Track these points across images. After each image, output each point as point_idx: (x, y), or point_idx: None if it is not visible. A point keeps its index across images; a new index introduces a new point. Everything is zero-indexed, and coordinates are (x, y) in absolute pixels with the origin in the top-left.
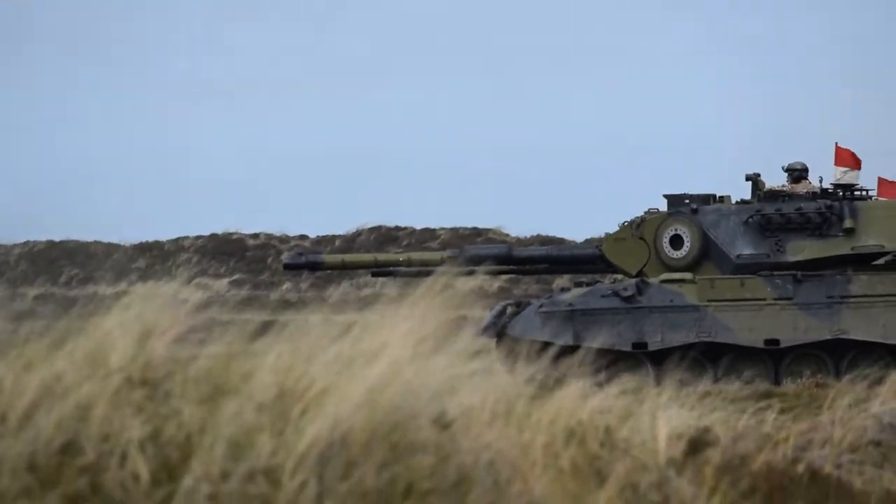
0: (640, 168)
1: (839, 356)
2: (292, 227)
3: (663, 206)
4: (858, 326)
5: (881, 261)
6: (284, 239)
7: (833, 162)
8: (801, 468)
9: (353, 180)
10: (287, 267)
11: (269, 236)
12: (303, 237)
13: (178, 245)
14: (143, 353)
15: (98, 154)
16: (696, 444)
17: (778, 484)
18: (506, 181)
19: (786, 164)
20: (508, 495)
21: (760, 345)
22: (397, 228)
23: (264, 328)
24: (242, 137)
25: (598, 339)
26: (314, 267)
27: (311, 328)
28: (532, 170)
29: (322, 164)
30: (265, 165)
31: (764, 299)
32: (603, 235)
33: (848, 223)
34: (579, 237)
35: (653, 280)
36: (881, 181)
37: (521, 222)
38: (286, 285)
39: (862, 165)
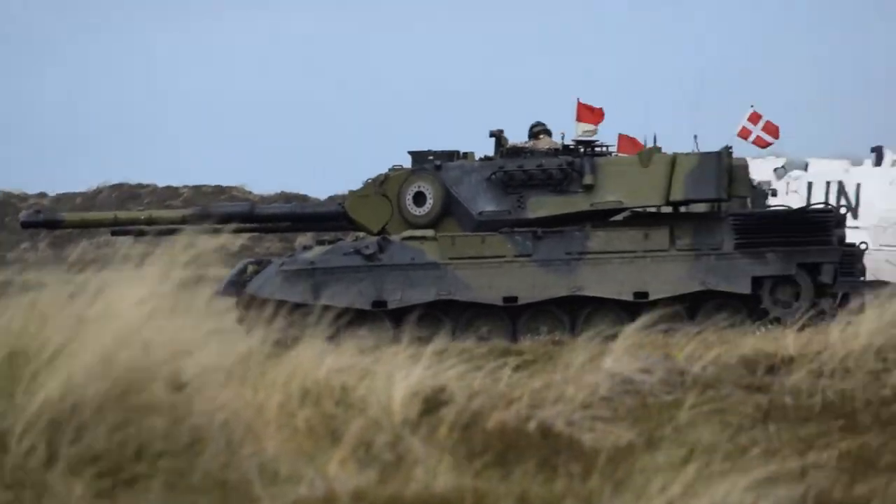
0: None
1: (576, 313)
2: (31, 185)
3: (408, 163)
4: (594, 282)
5: (619, 217)
6: (23, 196)
7: (574, 118)
8: (533, 426)
9: (95, 137)
10: (24, 225)
11: (8, 194)
12: (42, 195)
13: None
14: None
15: None
16: (432, 403)
17: (511, 442)
18: (249, 138)
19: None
20: (241, 455)
21: (499, 302)
22: (139, 186)
23: (1, 289)
24: None
25: (338, 298)
26: (53, 225)
27: (46, 289)
28: (276, 126)
29: (61, 119)
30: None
31: (504, 256)
32: (347, 193)
33: (588, 179)
34: (323, 195)
35: (395, 237)
36: (621, 137)
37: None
38: (24, 245)
39: (602, 121)
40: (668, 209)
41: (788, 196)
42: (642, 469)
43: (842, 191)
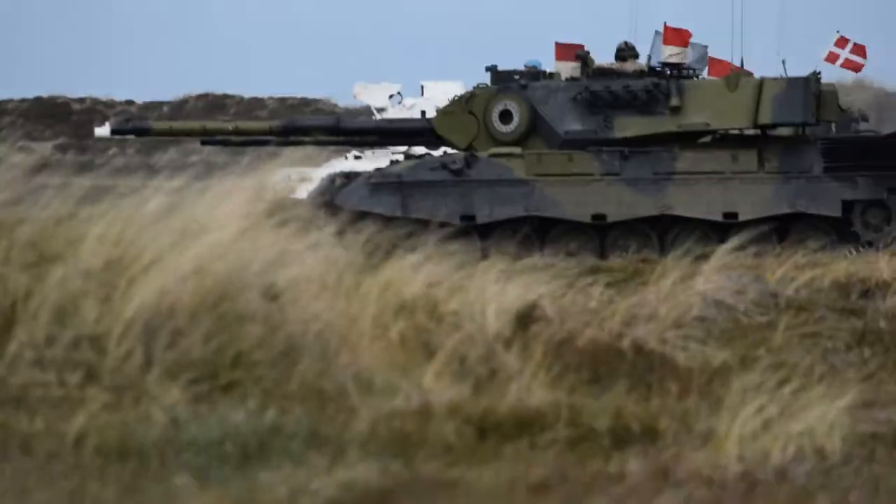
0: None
1: (664, 232)
2: (119, 93)
3: (486, 79)
4: (683, 202)
5: (706, 138)
6: (111, 104)
7: (661, 41)
8: (626, 343)
9: (182, 46)
10: (114, 132)
11: (96, 101)
12: (129, 102)
13: (2, 108)
14: None
15: None
16: (524, 319)
17: (604, 359)
18: (335, 50)
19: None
20: (336, 365)
21: (587, 219)
22: (225, 96)
23: (91, 194)
24: None
25: (426, 211)
26: (142, 133)
27: (140, 196)
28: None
29: (150, 28)
30: (93, 27)
31: (591, 174)
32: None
33: (674, 101)
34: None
35: (481, 154)
36: (711, 60)
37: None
38: (112, 150)
39: (689, 44)
40: (755, 133)
41: None
42: (738, 389)
43: None
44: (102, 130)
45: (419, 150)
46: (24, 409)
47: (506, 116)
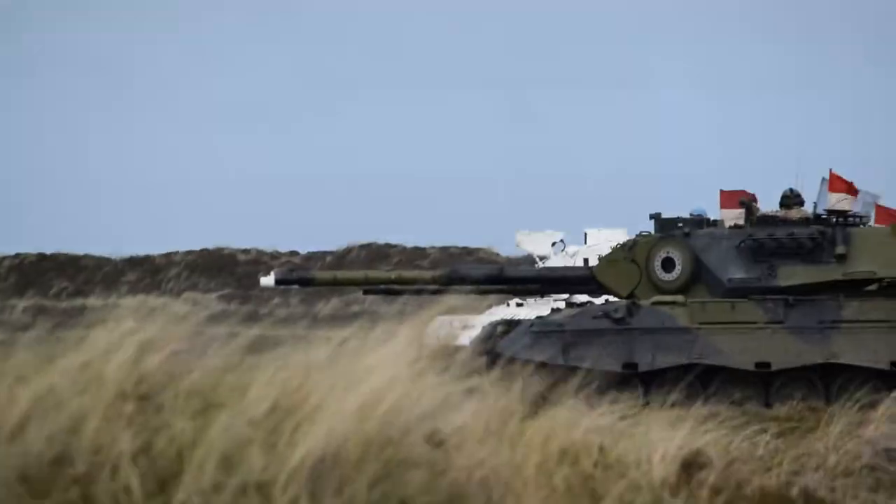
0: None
1: (829, 380)
2: (283, 244)
3: (647, 226)
4: (850, 351)
5: (873, 287)
6: (275, 255)
7: (827, 188)
8: (795, 491)
9: (344, 197)
10: (279, 282)
11: (260, 252)
12: (293, 253)
13: (169, 259)
14: (137, 367)
15: (92, 167)
16: (690, 466)
17: None
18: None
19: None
20: None
21: (751, 367)
22: (388, 246)
23: (256, 343)
24: (235, 154)
25: (588, 359)
26: (305, 283)
27: (304, 345)
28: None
29: (313, 181)
30: (257, 182)
31: (755, 322)
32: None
33: (840, 249)
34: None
35: (644, 302)
36: (878, 208)
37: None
38: (276, 300)
39: (858, 193)
40: None
41: None
42: None
43: None
44: (267, 280)
45: (581, 298)
46: None
47: (668, 264)
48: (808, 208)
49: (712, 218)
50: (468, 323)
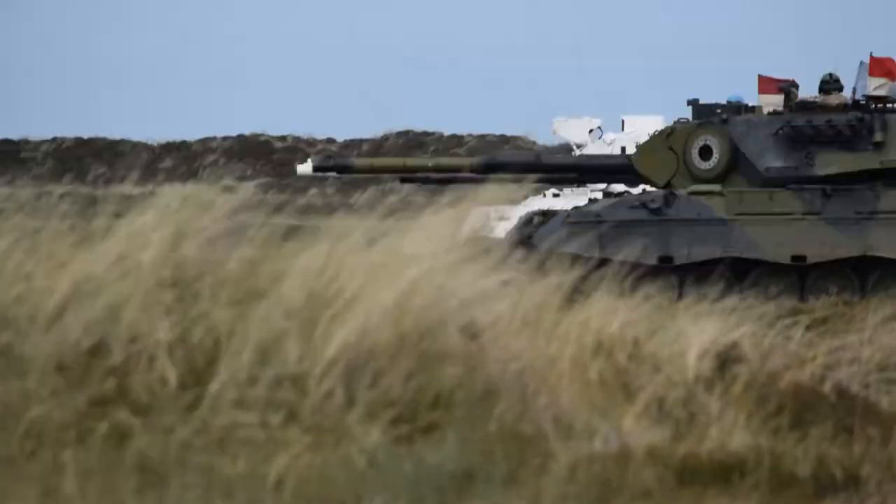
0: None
1: (866, 273)
2: (320, 131)
3: (687, 113)
4: (887, 243)
5: None
6: (311, 142)
7: (867, 73)
8: (828, 387)
9: (382, 84)
10: (316, 169)
11: (297, 139)
12: (330, 140)
13: (205, 145)
14: (174, 255)
15: (129, 50)
16: (724, 360)
17: (806, 403)
18: (534, 87)
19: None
20: (535, 407)
21: (787, 261)
22: (424, 134)
23: (292, 232)
24: (273, 39)
25: (624, 252)
26: (343, 170)
27: (340, 233)
28: (560, 76)
29: (350, 67)
30: (294, 68)
31: (792, 213)
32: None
33: (878, 136)
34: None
35: (681, 192)
36: None
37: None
38: (312, 189)
39: None
40: None
41: None
42: None
43: None
44: (305, 168)
45: (619, 187)
46: (227, 451)
47: (706, 152)
48: (847, 94)
49: (751, 104)
50: (505, 214)
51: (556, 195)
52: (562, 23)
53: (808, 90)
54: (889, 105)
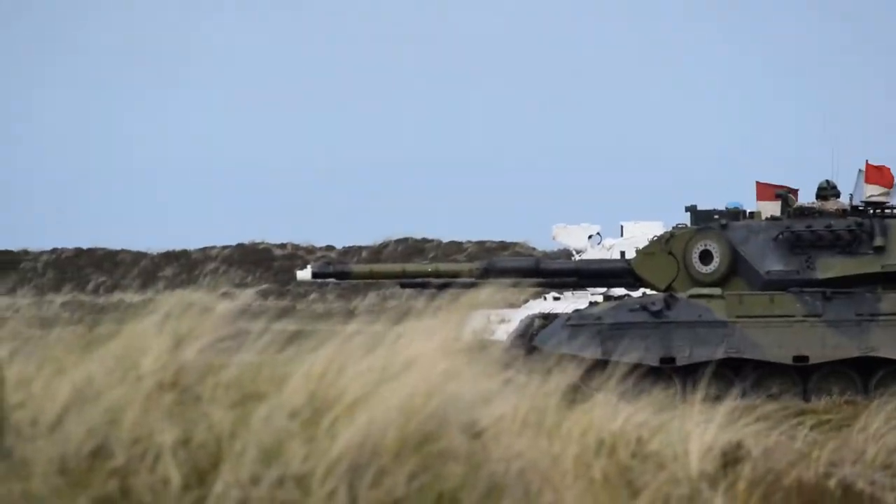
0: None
1: (868, 374)
2: (319, 239)
3: (685, 219)
4: (888, 344)
5: None
6: (311, 249)
7: (863, 180)
8: (833, 484)
9: (381, 192)
10: (315, 276)
11: (296, 247)
12: (329, 248)
13: (205, 254)
14: (174, 359)
15: (128, 163)
16: (729, 458)
17: (810, 499)
18: (532, 194)
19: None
20: None
21: (789, 361)
22: (424, 240)
23: (293, 337)
24: (271, 149)
25: (625, 353)
26: (342, 276)
27: (341, 338)
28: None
29: (349, 175)
30: (293, 176)
31: (793, 316)
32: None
33: (878, 241)
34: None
35: (681, 295)
36: None
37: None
38: (312, 296)
39: (894, 185)
40: None
41: None
42: None
43: None
44: (304, 274)
45: (618, 291)
46: None
47: (706, 257)
48: (844, 200)
49: (749, 210)
50: (505, 317)
51: (556, 298)
52: (561, 130)
53: (805, 196)
54: (888, 210)
